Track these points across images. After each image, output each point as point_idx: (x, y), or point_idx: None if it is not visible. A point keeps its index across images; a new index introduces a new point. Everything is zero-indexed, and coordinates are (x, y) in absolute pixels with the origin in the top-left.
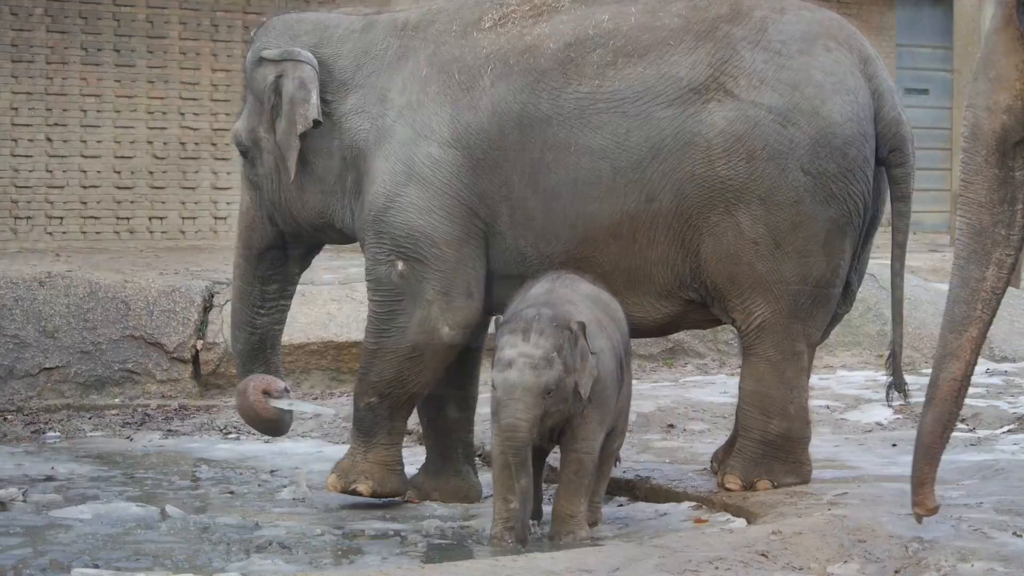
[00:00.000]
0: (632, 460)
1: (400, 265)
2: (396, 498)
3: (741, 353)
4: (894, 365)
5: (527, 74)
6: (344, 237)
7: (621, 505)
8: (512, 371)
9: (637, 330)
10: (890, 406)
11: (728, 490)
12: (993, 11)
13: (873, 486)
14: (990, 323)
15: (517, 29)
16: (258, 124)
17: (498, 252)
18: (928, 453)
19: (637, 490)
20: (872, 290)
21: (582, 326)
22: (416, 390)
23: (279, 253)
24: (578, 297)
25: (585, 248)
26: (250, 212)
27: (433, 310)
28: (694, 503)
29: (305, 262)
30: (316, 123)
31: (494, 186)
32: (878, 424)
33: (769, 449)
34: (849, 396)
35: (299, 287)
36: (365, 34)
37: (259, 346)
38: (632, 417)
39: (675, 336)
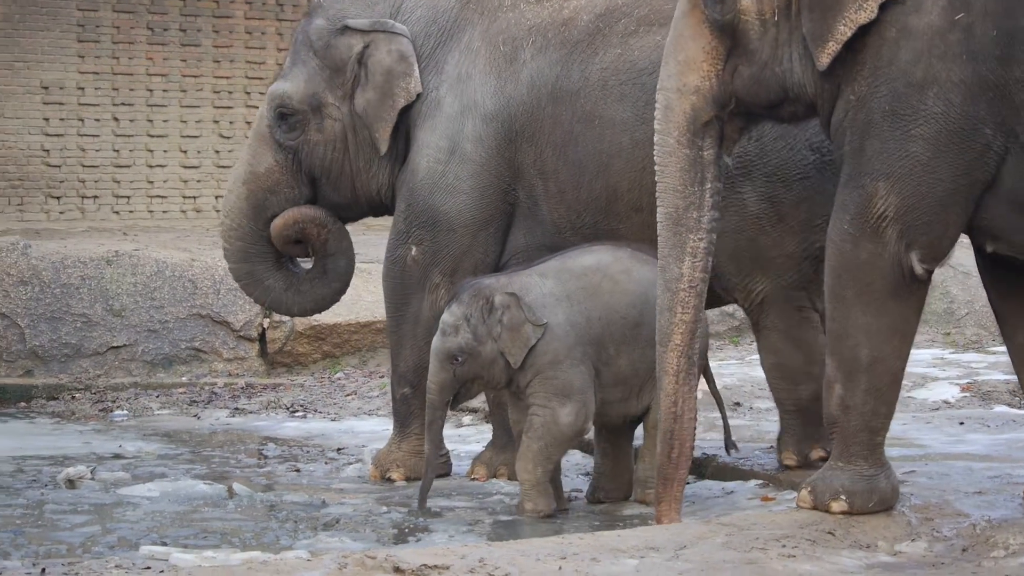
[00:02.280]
0: (699, 439)
1: (413, 250)
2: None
3: (753, 332)
4: None
5: (561, 47)
6: (384, 211)
7: (688, 483)
8: (434, 337)
9: None
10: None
11: (788, 467)
12: None
13: (940, 464)
14: (694, 326)
15: (558, 2)
16: (325, 90)
17: (535, 224)
18: (663, 475)
19: (704, 468)
20: (938, 269)
21: (512, 297)
22: None
23: None
24: (557, 269)
25: (611, 221)
26: (273, 175)
27: (440, 293)
28: (761, 481)
29: None
30: (418, 95)
31: (530, 159)
32: (945, 402)
33: (808, 415)
34: (916, 374)
35: (365, 265)
36: (435, 1)
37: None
38: (699, 395)
39: (741, 314)
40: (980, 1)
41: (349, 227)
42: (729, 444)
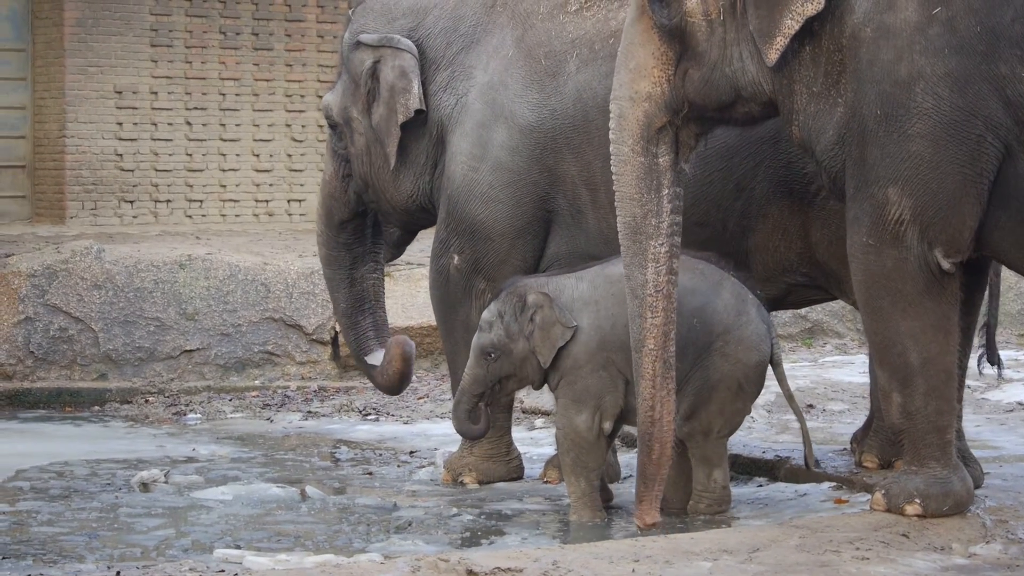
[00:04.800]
0: (771, 440)
1: (456, 259)
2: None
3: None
4: (988, 337)
5: (612, 60)
6: (434, 218)
7: (761, 486)
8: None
9: None
10: (981, 374)
11: (865, 468)
12: (631, 4)
13: (1014, 466)
14: (666, 328)
15: (602, 14)
16: (351, 104)
17: (579, 233)
18: (644, 474)
19: (776, 471)
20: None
21: (545, 297)
22: None
23: (360, 222)
24: (594, 274)
25: None
26: (332, 182)
27: (487, 299)
28: (834, 484)
29: (398, 250)
30: (418, 112)
31: (575, 170)
32: (1019, 404)
33: None
34: (990, 376)
35: None
36: (456, 10)
37: (360, 298)
38: (771, 397)
39: (814, 316)
40: None
41: None
42: (809, 459)
